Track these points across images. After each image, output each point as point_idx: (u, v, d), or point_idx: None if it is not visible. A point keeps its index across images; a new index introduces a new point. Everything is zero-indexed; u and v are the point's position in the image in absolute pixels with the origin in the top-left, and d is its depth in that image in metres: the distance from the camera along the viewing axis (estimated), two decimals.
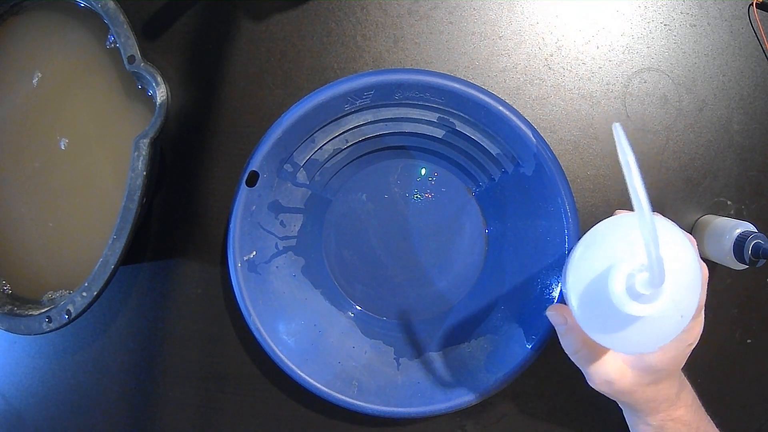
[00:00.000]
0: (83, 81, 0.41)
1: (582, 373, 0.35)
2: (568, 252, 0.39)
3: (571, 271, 0.30)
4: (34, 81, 0.42)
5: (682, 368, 0.36)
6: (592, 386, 0.35)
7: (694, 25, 0.45)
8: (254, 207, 0.41)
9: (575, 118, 0.44)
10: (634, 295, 0.26)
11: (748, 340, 0.46)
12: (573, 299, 0.30)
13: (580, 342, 0.34)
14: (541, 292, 0.41)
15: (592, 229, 0.30)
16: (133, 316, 0.46)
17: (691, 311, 0.28)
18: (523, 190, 0.42)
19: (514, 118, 0.39)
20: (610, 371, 0.33)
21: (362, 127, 0.42)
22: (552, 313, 0.36)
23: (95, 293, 0.37)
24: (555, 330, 0.40)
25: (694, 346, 0.34)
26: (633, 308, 0.26)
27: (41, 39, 0.42)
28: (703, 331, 0.35)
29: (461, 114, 0.41)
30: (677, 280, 0.27)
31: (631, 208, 0.25)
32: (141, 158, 0.36)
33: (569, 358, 0.35)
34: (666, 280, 0.25)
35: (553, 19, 0.44)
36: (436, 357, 0.44)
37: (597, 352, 0.34)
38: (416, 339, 0.45)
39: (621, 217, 0.31)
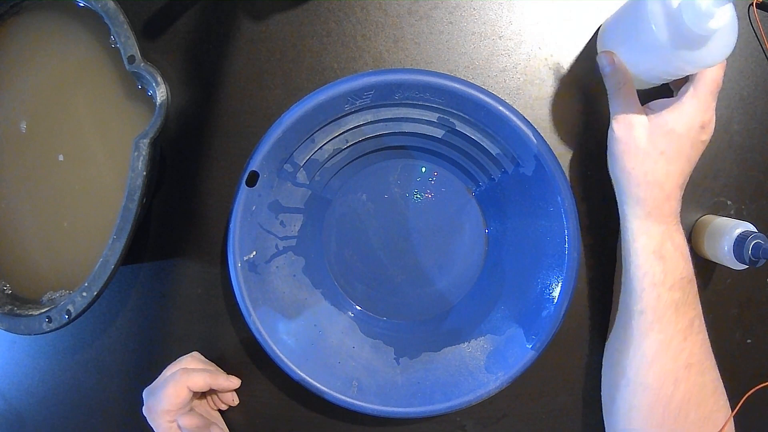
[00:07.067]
0: (83, 81, 0.41)
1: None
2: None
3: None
4: (34, 82, 0.42)
5: None
6: (613, 133, 0.38)
7: None
8: (254, 207, 0.41)
9: (575, 118, 0.44)
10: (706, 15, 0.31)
11: (748, 340, 0.46)
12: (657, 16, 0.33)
13: (623, 80, 0.38)
14: (541, 292, 0.41)
15: None
16: (133, 316, 0.46)
17: (731, 48, 0.33)
18: (523, 190, 0.42)
19: (514, 118, 0.39)
20: (634, 116, 0.38)
21: (362, 127, 0.42)
22: (601, 55, 0.39)
23: (95, 293, 0.37)
24: (554, 330, 0.40)
25: (706, 143, 0.38)
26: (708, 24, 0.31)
27: (41, 39, 0.42)
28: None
29: (461, 114, 0.41)
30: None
31: None
32: (141, 158, 0.36)
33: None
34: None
35: (553, 19, 0.44)
36: (436, 357, 0.44)
37: (632, 97, 0.38)
38: (416, 339, 0.45)
39: None
